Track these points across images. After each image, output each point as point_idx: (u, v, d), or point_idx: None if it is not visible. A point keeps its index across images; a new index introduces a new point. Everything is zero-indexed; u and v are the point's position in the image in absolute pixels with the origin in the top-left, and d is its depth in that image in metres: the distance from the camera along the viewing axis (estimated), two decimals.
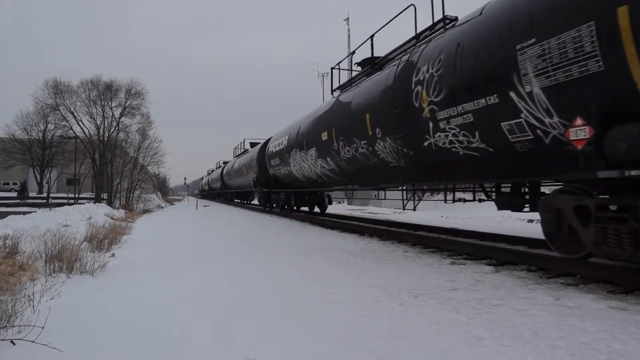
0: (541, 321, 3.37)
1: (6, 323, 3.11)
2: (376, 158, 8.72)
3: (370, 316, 3.61)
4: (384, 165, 8.59)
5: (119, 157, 31.04)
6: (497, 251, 6.34)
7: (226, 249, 8.05)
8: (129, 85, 30.53)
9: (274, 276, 5.38)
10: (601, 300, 3.94)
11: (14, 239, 6.31)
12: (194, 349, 2.93)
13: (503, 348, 2.86)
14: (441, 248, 7.33)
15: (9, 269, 4.79)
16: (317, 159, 11.85)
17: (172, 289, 4.75)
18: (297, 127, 13.78)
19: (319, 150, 11.52)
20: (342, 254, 7.02)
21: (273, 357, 2.78)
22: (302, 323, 3.45)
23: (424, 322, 3.43)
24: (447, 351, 2.84)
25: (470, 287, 4.60)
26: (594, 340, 2.93)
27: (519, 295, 4.20)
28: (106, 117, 29.87)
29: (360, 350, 2.86)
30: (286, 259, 6.64)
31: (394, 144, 7.80)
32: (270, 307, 3.94)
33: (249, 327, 3.38)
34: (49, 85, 30.24)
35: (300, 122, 13.85)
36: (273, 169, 16.99)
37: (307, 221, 14.08)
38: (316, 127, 11.73)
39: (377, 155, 8.64)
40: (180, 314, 3.74)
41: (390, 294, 4.33)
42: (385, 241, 8.67)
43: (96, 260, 5.81)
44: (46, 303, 3.79)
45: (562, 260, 5.27)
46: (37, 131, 38.90)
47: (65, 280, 4.87)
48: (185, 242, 9.45)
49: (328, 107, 11.29)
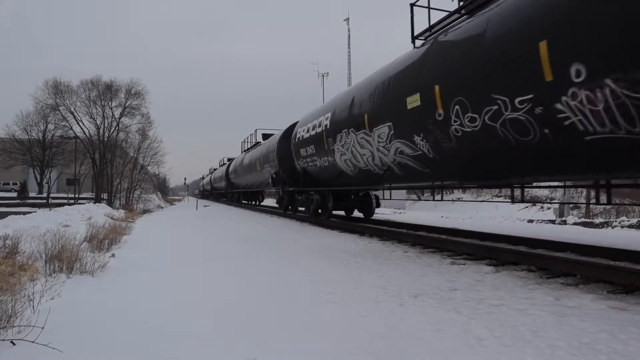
0: (541, 321, 3.37)
1: (6, 323, 3.11)
2: (552, 128, 4.75)
3: (370, 316, 3.61)
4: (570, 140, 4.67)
5: (119, 157, 31.06)
6: (497, 251, 6.34)
7: (226, 249, 8.05)
8: (129, 86, 30.59)
9: (274, 276, 5.38)
10: (601, 300, 3.94)
11: (14, 239, 6.31)
12: (194, 349, 2.93)
13: (503, 348, 2.86)
14: (441, 248, 7.33)
15: (9, 269, 4.79)
16: (391, 141, 8.00)
17: (172, 289, 4.74)
18: (348, 99, 9.88)
19: (398, 125, 7.69)
20: (342, 254, 7.02)
21: (273, 357, 2.78)
22: (302, 323, 3.45)
23: (424, 322, 3.43)
24: (447, 351, 2.84)
25: (471, 287, 4.61)
26: (594, 340, 2.93)
27: (519, 295, 4.20)
28: (106, 117, 29.94)
29: (360, 350, 2.86)
30: (286, 259, 6.64)
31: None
32: (270, 307, 3.94)
33: (249, 327, 3.38)
34: (49, 85, 30.32)
35: (353, 91, 9.97)
36: (303, 162, 13.16)
37: (307, 221, 14.07)
38: (392, 91, 7.83)
39: (555, 122, 4.65)
40: (180, 314, 3.74)
41: (390, 294, 4.33)
42: (385, 241, 8.67)
43: (96, 260, 5.80)
44: (46, 303, 3.79)
45: (562, 260, 5.27)
46: (37, 131, 38.99)
47: (65, 281, 4.87)
48: (185, 242, 9.45)
49: (416, 58, 7.28)
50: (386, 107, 8.06)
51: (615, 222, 13.82)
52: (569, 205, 22.18)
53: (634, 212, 18.73)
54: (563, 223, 14.92)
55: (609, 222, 14.09)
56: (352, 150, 9.74)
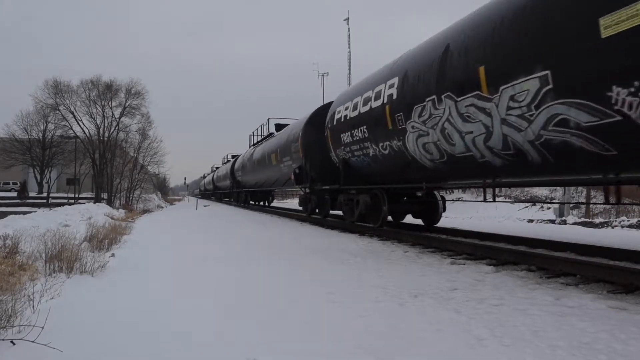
0: (541, 321, 3.37)
1: (6, 323, 3.11)
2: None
3: (370, 316, 3.61)
4: None
5: (119, 157, 31.08)
6: (497, 251, 6.34)
7: (226, 249, 8.05)
8: (129, 85, 30.64)
9: (274, 276, 5.38)
10: (601, 300, 3.94)
11: (14, 239, 6.31)
12: (194, 349, 2.93)
13: (503, 348, 2.86)
14: (441, 248, 7.33)
15: (9, 269, 4.79)
16: (542, 104, 4.93)
17: (172, 289, 4.74)
18: (437, 50, 6.78)
19: (568, 73, 4.64)
20: (342, 254, 7.02)
21: (273, 357, 2.78)
22: (302, 323, 3.45)
23: (424, 322, 3.43)
24: (447, 351, 2.84)
25: (471, 287, 4.61)
26: (593, 340, 2.93)
27: (519, 295, 4.20)
28: (106, 117, 29.99)
29: (360, 350, 2.86)
30: (286, 259, 6.64)
31: None
32: (271, 307, 3.94)
33: (249, 327, 3.38)
34: (49, 85, 30.37)
35: (444, 38, 6.80)
36: (345, 151, 10.19)
37: (307, 221, 14.05)
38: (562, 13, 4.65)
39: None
40: (180, 314, 3.74)
41: (390, 294, 4.33)
42: (385, 241, 8.67)
43: (96, 260, 5.80)
44: (46, 303, 3.79)
45: (562, 260, 5.27)
46: (37, 131, 39.05)
47: (65, 280, 4.86)
48: (185, 242, 9.45)
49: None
50: (538, 44, 4.90)
51: (615, 222, 13.82)
52: (569, 205, 22.19)
53: (634, 212, 18.71)
54: (563, 223, 14.92)
55: (609, 222, 14.09)
56: (444, 127, 6.62)
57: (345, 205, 11.02)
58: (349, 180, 10.36)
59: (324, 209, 13.19)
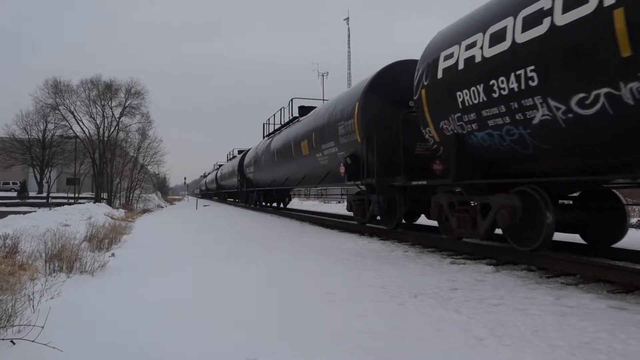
0: (541, 321, 3.37)
1: (6, 323, 3.11)
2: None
3: (370, 316, 3.61)
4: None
5: (119, 156, 31.05)
6: (497, 250, 6.34)
7: (226, 248, 8.04)
8: (129, 85, 30.60)
9: (274, 276, 5.38)
10: (601, 299, 3.94)
11: (14, 238, 6.30)
12: (195, 349, 2.92)
13: (503, 348, 2.86)
14: (441, 248, 7.32)
15: (9, 268, 4.79)
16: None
17: (172, 289, 4.74)
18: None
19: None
20: (342, 254, 7.01)
21: (273, 356, 2.78)
22: (302, 323, 3.45)
23: (424, 321, 3.43)
24: (447, 351, 2.84)
25: (470, 286, 4.60)
26: (593, 340, 2.93)
27: (519, 294, 4.20)
28: (106, 116, 29.95)
29: (360, 350, 2.86)
30: (286, 259, 6.63)
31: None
32: (271, 307, 3.94)
33: (249, 326, 3.38)
34: (48, 84, 30.32)
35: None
36: (465, 121, 6.09)
37: (307, 221, 14.06)
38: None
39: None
40: (180, 314, 3.74)
41: (390, 294, 4.33)
42: (385, 241, 8.66)
43: (96, 259, 5.80)
44: (46, 303, 3.79)
45: (562, 260, 5.27)
46: (37, 131, 39.01)
47: (65, 280, 4.86)
48: (185, 241, 9.45)
49: None
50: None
51: None
52: None
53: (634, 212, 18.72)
54: None
55: None
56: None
57: (458, 213, 6.75)
58: (465, 171, 6.47)
59: (391, 215, 9.04)
